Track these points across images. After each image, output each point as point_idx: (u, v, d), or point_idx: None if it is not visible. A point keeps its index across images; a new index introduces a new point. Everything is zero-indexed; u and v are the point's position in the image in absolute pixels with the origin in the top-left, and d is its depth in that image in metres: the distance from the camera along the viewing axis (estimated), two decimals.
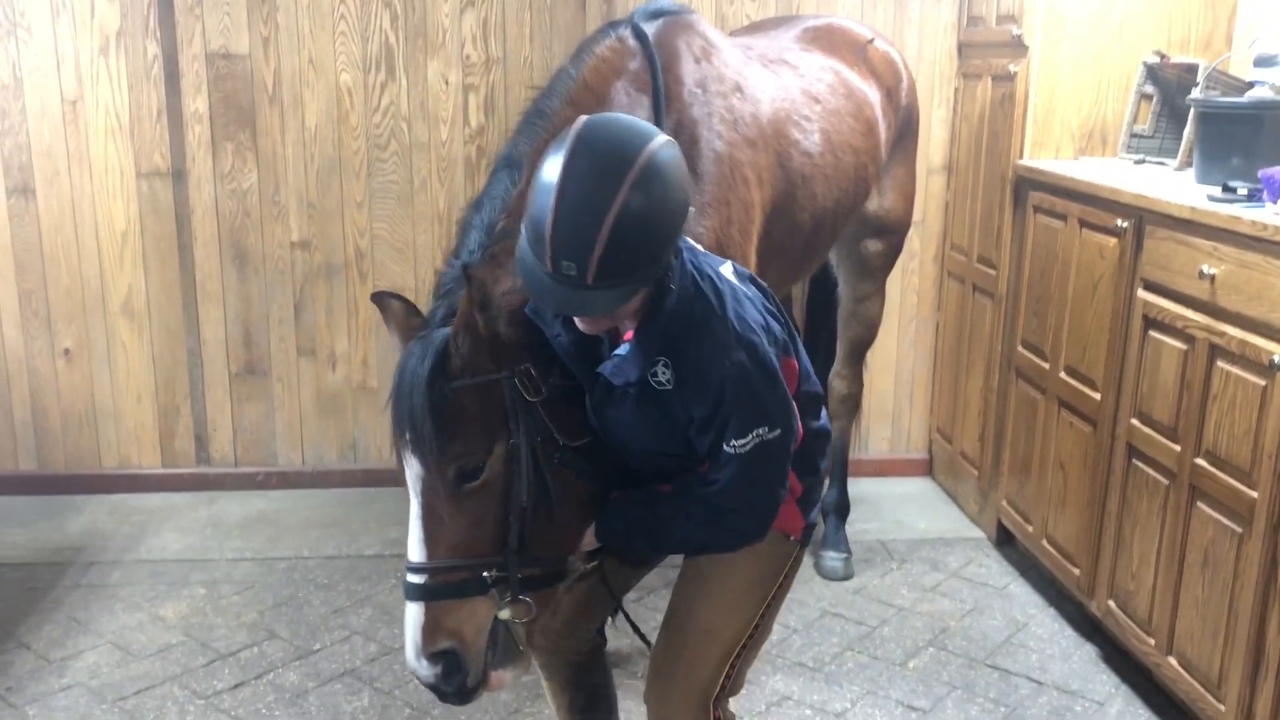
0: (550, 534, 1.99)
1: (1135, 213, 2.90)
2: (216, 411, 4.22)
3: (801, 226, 2.95)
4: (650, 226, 1.74)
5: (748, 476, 1.88)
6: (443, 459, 1.90)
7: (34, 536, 3.85)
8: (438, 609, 1.93)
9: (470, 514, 1.93)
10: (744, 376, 1.83)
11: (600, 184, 1.71)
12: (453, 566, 1.93)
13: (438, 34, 3.96)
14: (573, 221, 1.71)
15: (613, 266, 1.72)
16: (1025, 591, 3.56)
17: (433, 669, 1.94)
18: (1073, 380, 3.25)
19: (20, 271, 4.03)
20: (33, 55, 3.87)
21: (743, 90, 2.75)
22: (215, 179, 4.02)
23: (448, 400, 1.89)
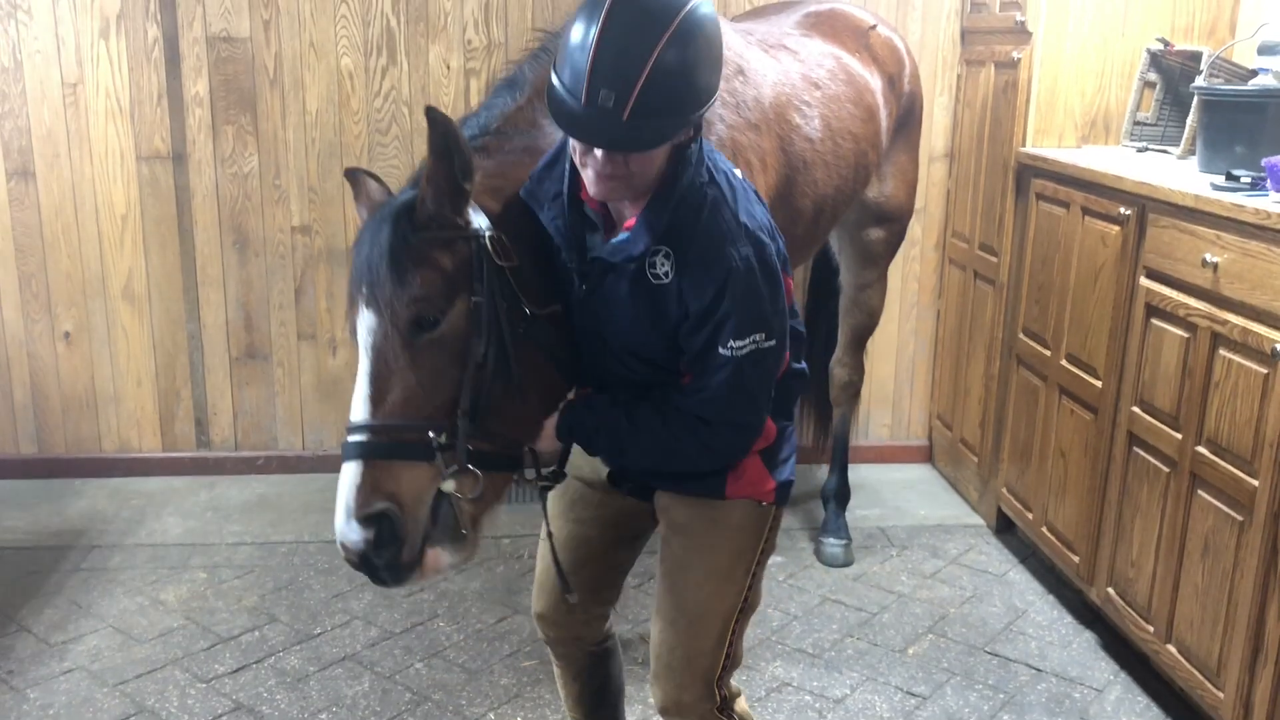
0: (507, 409, 1.88)
1: (1138, 201, 2.90)
2: (217, 395, 4.22)
3: (802, 213, 2.94)
4: (690, 75, 1.72)
5: (739, 384, 1.82)
6: (398, 304, 1.80)
7: (34, 520, 3.85)
8: (377, 470, 1.80)
9: (422, 370, 1.82)
10: (750, 274, 1.80)
11: (648, 23, 1.70)
12: (398, 426, 1.81)
13: (439, 18, 3.95)
14: (616, 53, 1.69)
15: (650, 104, 1.69)
16: (1025, 579, 3.57)
17: (364, 533, 1.79)
18: (1074, 368, 3.25)
19: (20, 255, 4.02)
20: (33, 38, 3.86)
21: (744, 74, 2.74)
22: (216, 162, 4.01)
23: (409, 246, 1.81)
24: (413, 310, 1.81)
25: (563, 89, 1.73)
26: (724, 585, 2.03)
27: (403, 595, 3.38)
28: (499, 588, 3.44)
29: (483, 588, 3.44)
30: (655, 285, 1.82)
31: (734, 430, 1.89)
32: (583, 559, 2.18)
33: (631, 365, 1.93)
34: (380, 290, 1.81)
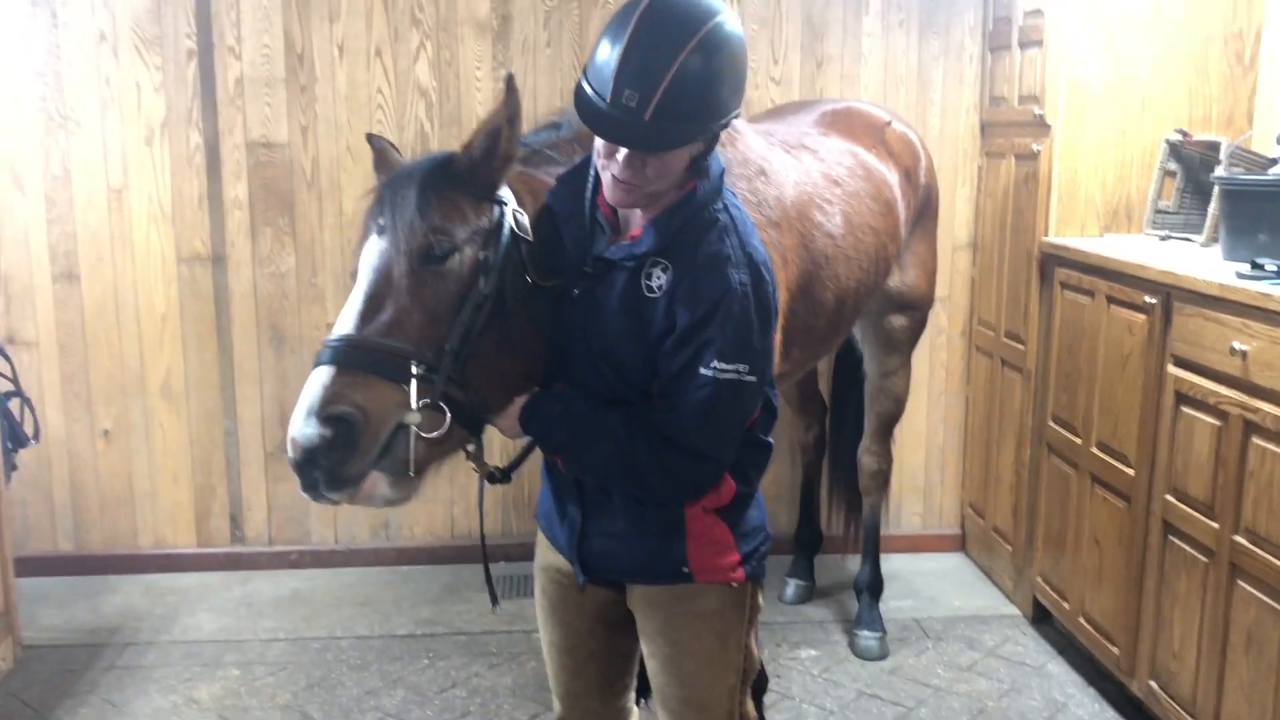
0: (490, 364, 1.89)
1: (1163, 289, 2.92)
2: (251, 491, 4.26)
3: (825, 306, 2.99)
4: (712, 82, 1.78)
5: (712, 409, 1.81)
6: (415, 229, 1.83)
7: (70, 617, 3.88)
8: (350, 378, 1.79)
9: (420, 299, 1.84)
10: (745, 300, 1.82)
11: (674, 31, 1.75)
12: (381, 345, 1.81)
13: (472, 121, 4.06)
14: (642, 57, 1.75)
15: (672, 107, 1.74)
16: (1064, 670, 3.51)
17: (321, 431, 1.76)
18: (1105, 455, 3.24)
19: (63, 354, 4.11)
20: (81, 146, 4.00)
21: (766, 174, 2.81)
22: (254, 263, 4.11)
23: (440, 184, 1.88)
24: (427, 239, 1.85)
25: (590, 89, 1.79)
26: (719, 668, 2.03)
27: (435, 692, 3.37)
28: (530, 684, 3.42)
29: (514, 684, 3.42)
30: (646, 297, 1.85)
31: (694, 459, 1.86)
32: (583, 657, 2.16)
33: (606, 375, 1.92)
34: (400, 214, 1.85)
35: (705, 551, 1.97)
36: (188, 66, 3.99)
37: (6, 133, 3.96)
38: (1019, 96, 3.84)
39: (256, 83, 4.01)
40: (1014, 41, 3.85)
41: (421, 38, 4.03)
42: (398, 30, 4.02)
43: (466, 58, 4.05)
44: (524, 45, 4.05)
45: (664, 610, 2.02)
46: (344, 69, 4.02)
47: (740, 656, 2.05)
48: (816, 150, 3.19)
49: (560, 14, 4.04)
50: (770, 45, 4.13)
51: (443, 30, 4.03)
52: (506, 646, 3.65)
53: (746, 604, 2.04)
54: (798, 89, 4.14)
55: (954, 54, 4.17)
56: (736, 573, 2.00)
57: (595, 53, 1.81)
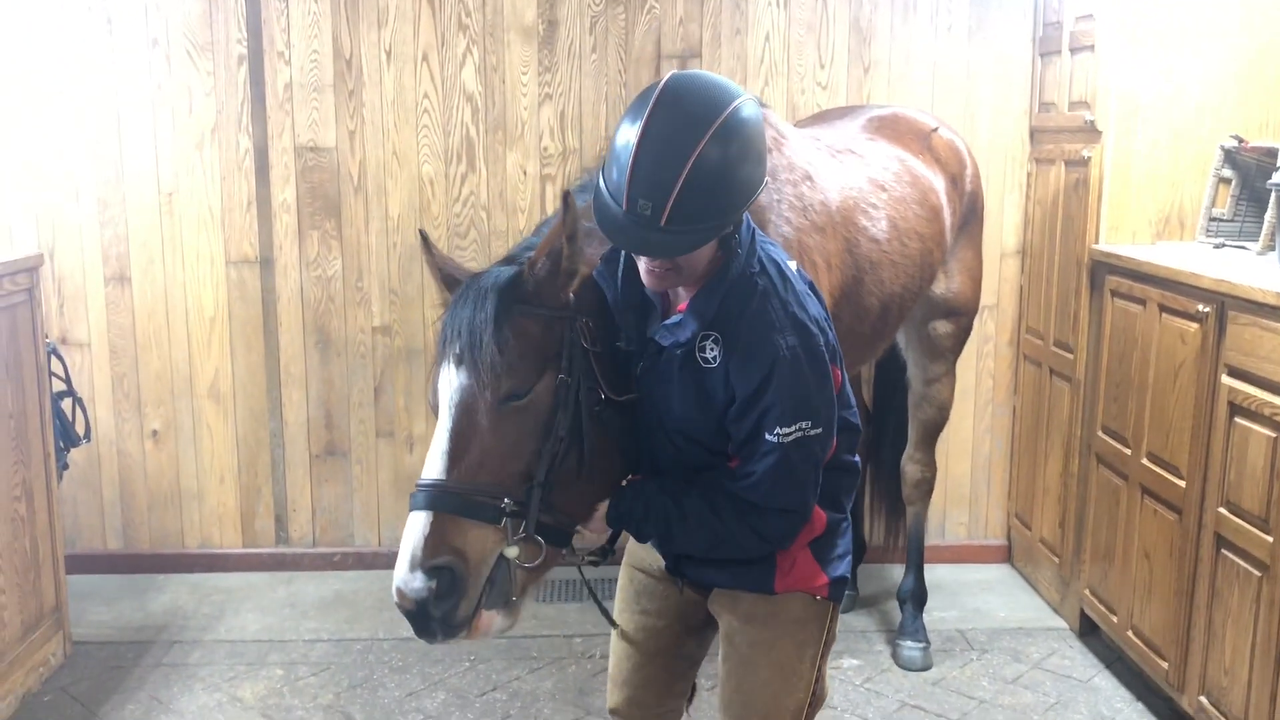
0: (573, 486, 1.93)
1: (1217, 298, 2.87)
2: (296, 492, 4.30)
3: (869, 311, 2.97)
4: (727, 177, 1.77)
5: (785, 470, 1.85)
6: (494, 370, 1.85)
7: (118, 615, 3.93)
8: (446, 523, 1.85)
9: (503, 437, 1.88)
10: (795, 362, 1.83)
11: (685, 129, 1.75)
12: (472, 489, 1.86)
13: (517, 126, 4.09)
14: (653, 162, 1.75)
15: (687, 210, 1.75)
16: (1111, 685, 3.46)
17: (427, 583, 1.82)
18: (1156, 467, 3.18)
19: (114, 356, 4.18)
20: (133, 150, 4.06)
21: (812, 179, 2.80)
22: (301, 266, 4.15)
23: (512, 316, 1.89)
24: (506, 379, 1.87)
25: (607, 193, 1.81)
26: (790, 680, 2.03)
27: (475, 695, 3.38)
28: (571, 688, 3.42)
29: (555, 688, 3.42)
30: (704, 369, 1.87)
31: (780, 516, 1.90)
32: (651, 651, 2.20)
33: (682, 445, 1.96)
34: (478, 354, 1.87)
35: (794, 576, 2.02)
36: (238, 72, 4.04)
37: (61, 137, 4.03)
38: (1069, 102, 3.79)
39: (305, 88, 4.06)
40: (1064, 46, 3.80)
41: (468, 43, 4.05)
42: (444, 36, 4.04)
43: (512, 63, 4.07)
44: (569, 50, 4.07)
45: (748, 608, 2.04)
46: (391, 74, 4.06)
47: (812, 675, 2.05)
48: (863, 155, 3.17)
49: (606, 19, 4.05)
50: (817, 50, 4.11)
51: (489, 35, 4.05)
52: (547, 650, 3.65)
53: (826, 623, 2.06)
54: (844, 94, 4.12)
55: (1003, 59, 4.13)
56: (823, 590, 2.04)
57: (611, 147, 1.82)
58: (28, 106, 4.01)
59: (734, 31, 4.08)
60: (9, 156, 4.03)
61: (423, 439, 4.26)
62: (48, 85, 4.00)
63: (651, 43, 4.07)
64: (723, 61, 4.08)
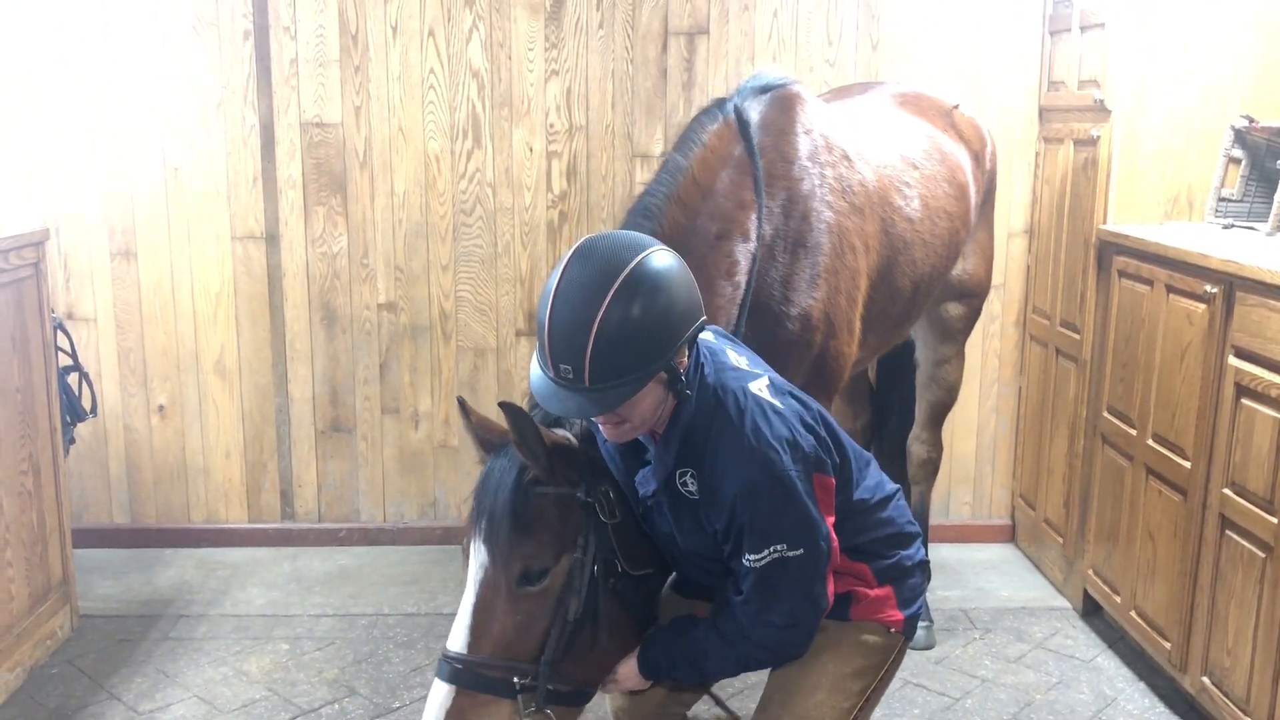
0: (587, 655, 2.02)
1: (1225, 279, 2.86)
2: (302, 468, 4.31)
3: (902, 291, 2.96)
4: (638, 330, 1.79)
5: (769, 590, 1.90)
6: (511, 556, 1.96)
7: (125, 588, 3.95)
8: (464, 698, 1.96)
9: (520, 617, 1.98)
10: (753, 492, 1.86)
11: (588, 292, 1.79)
12: (488, 664, 1.97)
13: (523, 103, 4.07)
14: (565, 326, 1.79)
15: (605, 367, 1.78)
16: (1114, 665, 3.46)
17: None
18: (1161, 448, 3.18)
19: (120, 331, 4.18)
20: (139, 125, 4.05)
21: (850, 159, 2.78)
22: (307, 242, 4.15)
23: (529, 501, 1.97)
24: (522, 565, 1.98)
25: (537, 363, 1.87)
26: (836, 697, 2.04)
27: None
28: None
29: None
30: (690, 500, 1.94)
31: (776, 631, 1.94)
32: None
33: (701, 564, 2.04)
34: (497, 539, 1.97)
35: (867, 608, 2.07)
36: (243, 46, 4.02)
37: (67, 112, 4.02)
38: (1079, 81, 3.76)
39: (311, 63, 4.04)
40: (1074, 24, 3.77)
41: (474, 18, 4.03)
42: (450, 11, 4.02)
43: (519, 39, 4.04)
44: (576, 26, 4.04)
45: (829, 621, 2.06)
46: (397, 49, 4.04)
47: (858, 703, 2.07)
48: (893, 131, 3.15)
49: None
50: (826, 26, 4.08)
51: (495, 11, 4.03)
52: None
53: (890, 658, 2.09)
54: (852, 71, 4.09)
55: (1012, 37, 4.10)
56: (896, 625, 2.08)
57: (537, 312, 1.87)
58: (33, 82, 4.00)
59: (742, 8, 4.05)
60: (15, 132, 4.02)
61: (428, 415, 4.27)
62: (53, 61, 3.99)
63: (659, 19, 4.05)
64: (730, 38, 4.06)
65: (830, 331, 2.63)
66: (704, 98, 4.03)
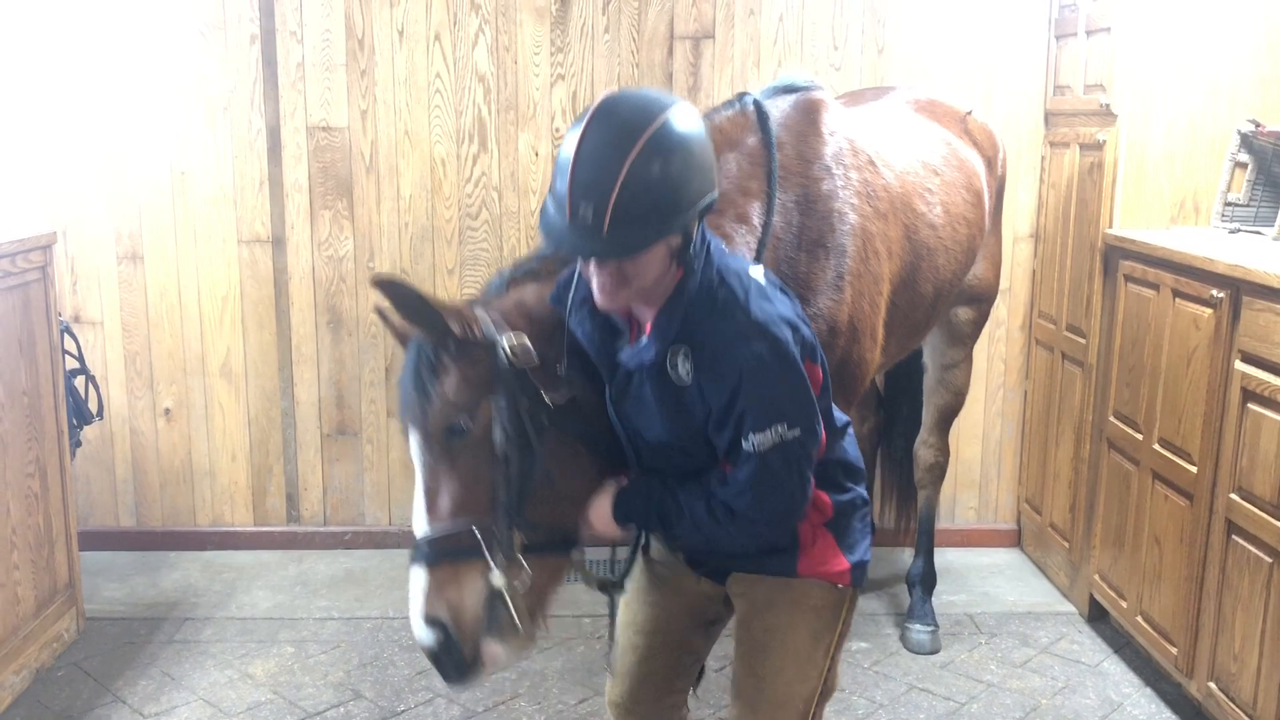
0: (544, 497, 1.99)
1: (1231, 283, 2.85)
2: (308, 471, 4.32)
3: (924, 297, 2.96)
4: (667, 183, 1.78)
5: (765, 478, 1.86)
6: (433, 419, 1.97)
7: (131, 591, 3.96)
8: (440, 576, 1.96)
9: (461, 474, 1.98)
10: (762, 367, 1.83)
11: (620, 135, 1.77)
12: (449, 532, 1.96)
13: (529, 107, 4.07)
14: (592, 167, 1.78)
15: (626, 214, 1.76)
16: (1120, 670, 3.46)
17: (432, 634, 1.96)
18: (1167, 452, 3.17)
19: (127, 334, 4.19)
20: (146, 129, 4.07)
21: (875, 164, 2.77)
22: (313, 246, 4.16)
23: (433, 363, 1.98)
24: (440, 421, 1.97)
25: (551, 205, 1.84)
26: (804, 668, 2.04)
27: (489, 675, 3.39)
28: (580, 668, 3.43)
29: (564, 668, 3.44)
30: (679, 387, 1.89)
31: (766, 522, 1.92)
32: (658, 644, 2.19)
33: (671, 458, 1.99)
34: (414, 412, 2.00)
35: (815, 559, 2.03)
36: (250, 50, 4.03)
37: (74, 116, 4.04)
38: (1084, 85, 3.76)
39: (317, 67, 4.05)
40: (1080, 28, 3.77)
41: (480, 23, 4.04)
42: (457, 15, 4.03)
43: (525, 43, 4.05)
44: (582, 30, 4.05)
45: (766, 593, 2.05)
46: (403, 54, 4.05)
47: (826, 664, 2.06)
48: (913, 138, 3.14)
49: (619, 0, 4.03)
50: (831, 31, 4.08)
51: (501, 15, 4.03)
52: (557, 630, 3.67)
53: (843, 613, 2.07)
54: (858, 76, 4.10)
55: (1018, 41, 4.10)
56: (844, 578, 2.04)
57: (556, 159, 1.85)
58: (41, 86, 4.01)
59: (748, 12, 4.06)
60: (23, 135, 4.03)
61: None
62: (61, 65, 4.00)
63: (665, 23, 4.05)
64: (736, 42, 4.07)
65: (853, 336, 2.62)
66: (709, 102, 4.04)
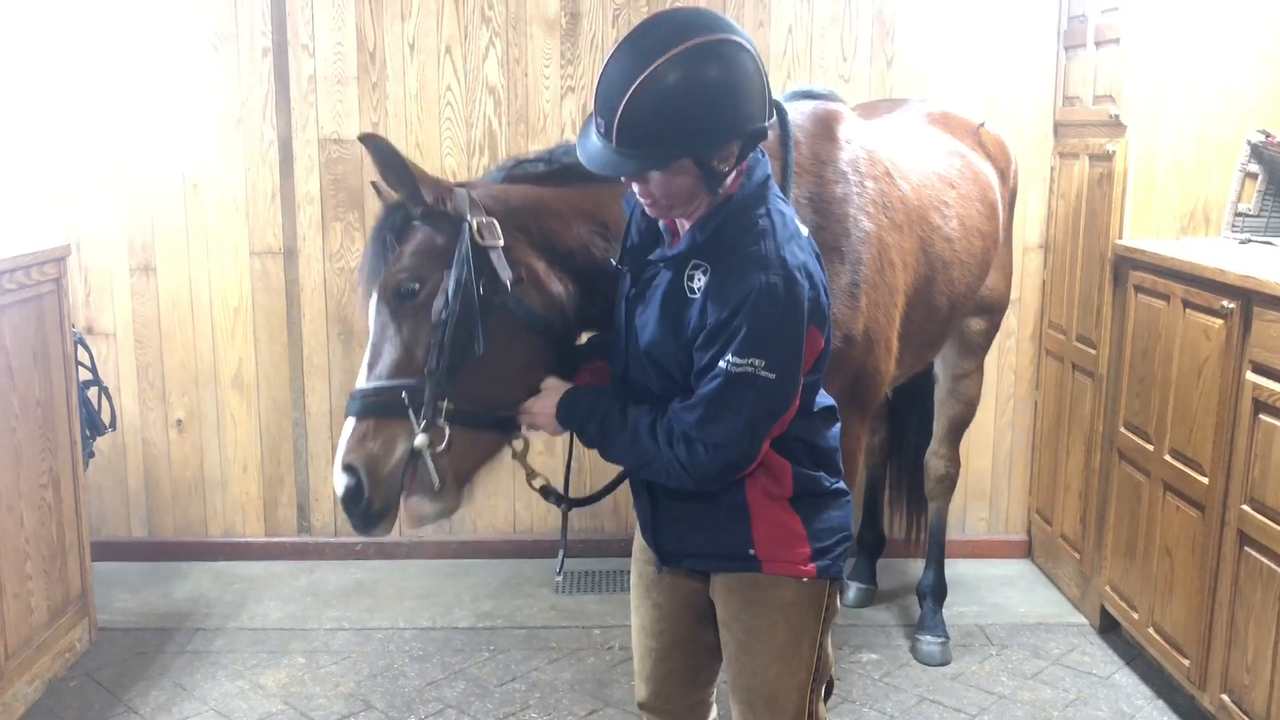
0: (481, 372, 2.02)
1: (1242, 294, 2.85)
2: (318, 481, 4.33)
3: (939, 310, 2.96)
4: (681, 101, 1.75)
5: (724, 400, 1.83)
6: (384, 276, 2.04)
7: (143, 602, 3.97)
8: (363, 428, 2.01)
9: (403, 335, 2.02)
10: (771, 299, 1.81)
11: (645, 50, 1.76)
12: (381, 387, 2.01)
13: (539, 119, 4.09)
14: (610, 79, 1.78)
15: (630, 133, 1.76)
16: (1132, 682, 3.44)
17: (345, 480, 2.00)
18: (1178, 463, 3.17)
19: (139, 346, 4.21)
20: (159, 141, 4.09)
21: (891, 175, 2.78)
22: (324, 257, 4.18)
23: (394, 229, 2.06)
24: (394, 280, 2.03)
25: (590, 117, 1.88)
26: (791, 663, 2.05)
27: (495, 685, 3.40)
28: (590, 679, 3.43)
29: (574, 679, 3.44)
30: (687, 299, 1.89)
31: (711, 450, 1.86)
32: (669, 643, 2.20)
33: (650, 373, 1.98)
34: (374, 267, 2.07)
35: (772, 538, 1.99)
36: (263, 63, 4.06)
37: (89, 128, 4.07)
38: (1094, 96, 3.76)
39: (329, 80, 4.08)
40: (1089, 39, 3.78)
41: (491, 36, 4.06)
42: (467, 28, 4.05)
43: (535, 55, 4.07)
44: (592, 43, 4.07)
45: (740, 596, 2.04)
46: (414, 67, 4.07)
47: (813, 655, 2.06)
48: (928, 150, 3.14)
49: (629, 11, 4.05)
50: (840, 43, 4.10)
51: (512, 28, 4.05)
52: (566, 641, 3.67)
53: (823, 603, 2.05)
54: (867, 87, 4.11)
55: (1026, 52, 4.11)
56: (808, 566, 2.00)
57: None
58: (55, 98, 4.04)
59: (756, 24, 4.07)
60: (37, 148, 4.06)
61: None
62: (75, 77, 4.04)
63: None
64: None
65: (868, 347, 2.62)
66: None
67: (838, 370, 2.59)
